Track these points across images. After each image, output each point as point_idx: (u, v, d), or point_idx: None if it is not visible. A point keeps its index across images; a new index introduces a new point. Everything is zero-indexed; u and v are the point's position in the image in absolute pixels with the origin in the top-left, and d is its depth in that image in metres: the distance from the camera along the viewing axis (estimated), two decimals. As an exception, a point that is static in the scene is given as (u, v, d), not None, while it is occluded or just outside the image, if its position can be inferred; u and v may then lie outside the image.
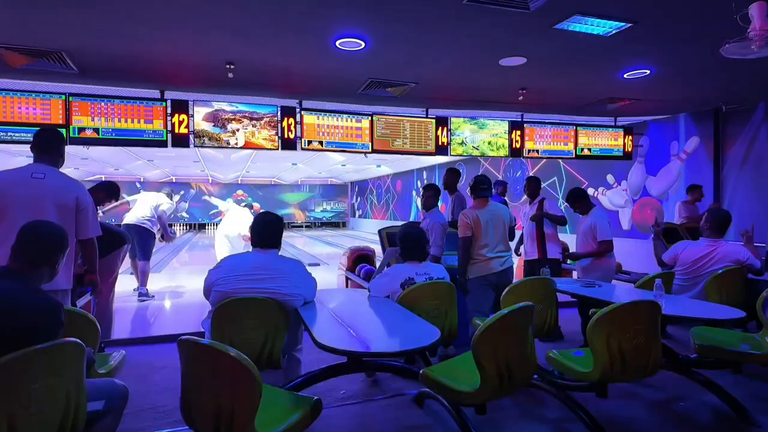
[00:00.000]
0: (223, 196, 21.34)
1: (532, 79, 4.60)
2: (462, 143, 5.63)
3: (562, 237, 4.70)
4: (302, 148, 5.22)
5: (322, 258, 11.38)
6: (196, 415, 1.71)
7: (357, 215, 23.00)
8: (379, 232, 4.27)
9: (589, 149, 6.28)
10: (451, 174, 4.75)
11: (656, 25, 3.30)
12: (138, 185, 19.29)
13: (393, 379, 3.30)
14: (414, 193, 16.14)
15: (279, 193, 22.83)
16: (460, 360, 2.40)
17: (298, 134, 5.10)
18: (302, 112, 5.11)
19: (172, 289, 6.99)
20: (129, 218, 6.03)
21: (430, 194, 3.91)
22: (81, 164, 14.33)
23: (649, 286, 3.25)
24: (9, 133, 4.31)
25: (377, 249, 6.37)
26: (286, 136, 5.06)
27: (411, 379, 2.77)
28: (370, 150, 5.37)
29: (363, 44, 3.60)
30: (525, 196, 4.83)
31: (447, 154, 5.59)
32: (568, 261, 4.64)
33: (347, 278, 5.80)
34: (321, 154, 12.09)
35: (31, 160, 2.75)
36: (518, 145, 5.86)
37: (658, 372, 2.36)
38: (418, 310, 2.56)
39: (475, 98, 5.35)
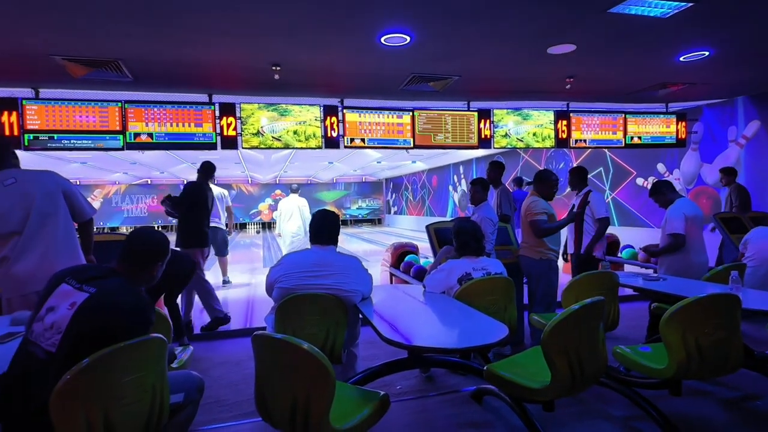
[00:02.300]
0: (262, 196, 21.88)
1: (580, 67, 4.46)
2: (506, 135, 5.52)
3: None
4: (345, 146, 5.26)
5: (359, 255, 11.47)
6: (272, 408, 1.74)
7: (392, 212, 23.01)
8: (427, 228, 4.24)
9: (639, 137, 6.02)
10: (495, 167, 4.65)
11: (717, 3, 3.12)
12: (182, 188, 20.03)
13: (447, 376, 3.29)
14: (450, 188, 15.98)
15: (315, 192, 23.12)
16: (525, 356, 2.36)
17: (341, 133, 5.15)
18: (344, 111, 5.15)
19: (216, 287, 7.15)
20: None
21: (478, 188, 3.84)
22: (129, 168, 14.99)
23: (720, 278, 3.10)
24: (72, 141, 4.55)
25: (419, 245, 6.35)
26: (329, 135, 5.11)
27: (473, 375, 2.73)
28: (411, 146, 5.35)
29: (408, 39, 3.58)
30: (568, 189, 4.69)
31: (490, 147, 5.50)
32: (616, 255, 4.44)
33: (391, 274, 5.82)
34: (357, 152, 12.17)
35: (84, 168, 2.85)
36: (564, 136, 5.69)
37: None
38: (475, 306, 2.51)
39: (519, 89, 5.23)
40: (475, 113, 5.43)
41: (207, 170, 4.93)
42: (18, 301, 2.49)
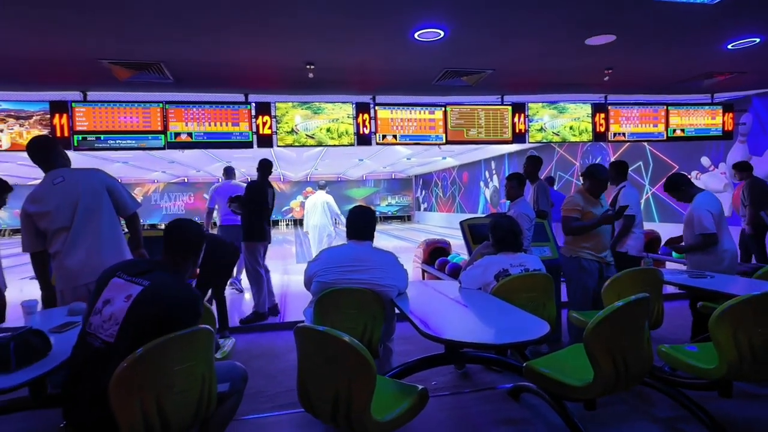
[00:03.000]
0: (294, 193, 22.23)
1: (620, 58, 4.32)
2: (541, 129, 5.41)
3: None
4: (377, 143, 5.29)
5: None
6: (315, 399, 1.78)
7: (422, 209, 22.95)
8: (461, 224, 4.21)
9: (683, 130, 5.79)
10: (532, 162, 4.57)
11: (772, -14, 2.96)
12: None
13: (482, 372, 3.27)
14: (482, 184, 15.79)
15: (345, 189, 23.31)
16: (565, 354, 2.32)
17: (373, 130, 5.17)
18: (376, 107, 5.17)
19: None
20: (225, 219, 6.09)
21: (514, 183, 3.78)
22: (168, 167, 15.51)
23: (771, 276, 2.95)
24: (117, 141, 4.75)
25: (451, 242, 6.32)
26: (361, 132, 5.14)
27: (510, 372, 2.71)
28: (443, 141, 5.32)
29: (442, 34, 3.56)
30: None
31: (525, 142, 5.41)
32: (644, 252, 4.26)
33: (423, 270, 5.81)
34: (387, 149, 12.19)
35: (126, 167, 2.98)
36: (602, 129, 5.53)
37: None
38: (513, 303, 2.48)
39: (555, 81, 5.11)
40: (509, 107, 5.35)
41: (266, 168, 5.07)
42: (69, 293, 2.63)
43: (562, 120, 5.46)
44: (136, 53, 3.80)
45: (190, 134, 4.83)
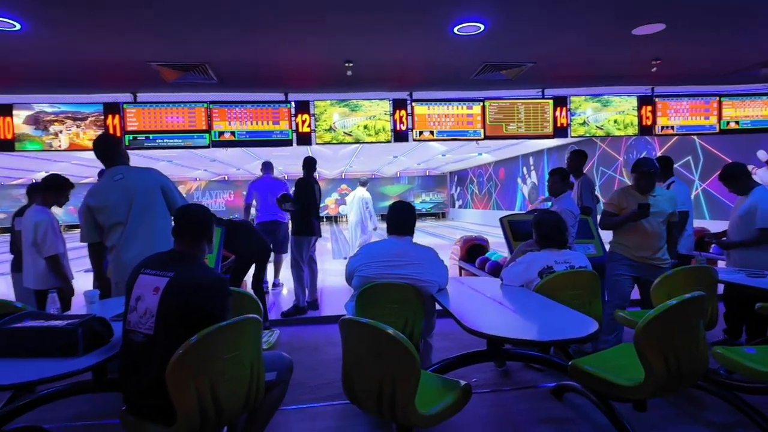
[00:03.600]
0: (329, 191, 22.50)
1: (669, 48, 4.13)
2: (583, 123, 5.25)
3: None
4: (414, 139, 5.28)
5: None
6: (359, 391, 1.81)
7: (457, 206, 22.74)
8: (501, 220, 4.16)
9: (737, 122, 5.48)
10: (577, 156, 4.44)
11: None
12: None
13: (523, 371, 3.23)
14: (519, 180, 15.48)
15: (379, 186, 23.41)
16: (612, 353, 2.26)
17: (410, 126, 5.16)
18: (413, 104, 5.17)
19: (286, 278, 7.31)
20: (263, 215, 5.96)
21: (557, 179, 3.69)
22: (209, 166, 16.04)
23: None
24: (165, 140, 4.95)
25: (490, 239, 6.24)
26: (398, 128, 5.15)
27: (554, 370, 2.66)
28: (482, 137, 5.25)
29: (482, 27, 3.51)
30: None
31: (567, 136, 5.26)
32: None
33: (461, 267, 5.78)
34: (422, 145, 12.15)
35: (171, 166, 3.11)
36: (649, 122, 5.31)
37: None
38: (557, 300, 2.43)
39: (599, 74, 4.94)
40: (551, 101, 5.22)
41: (310, 165, 5.18)
42: (123, 284, 2.77)
43: (605, 113, 5.28)
44: (183, 55, 3.95)
45: (233, 133, 4.98)
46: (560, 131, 5.24)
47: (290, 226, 5.85)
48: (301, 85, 5.04)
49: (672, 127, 5.40)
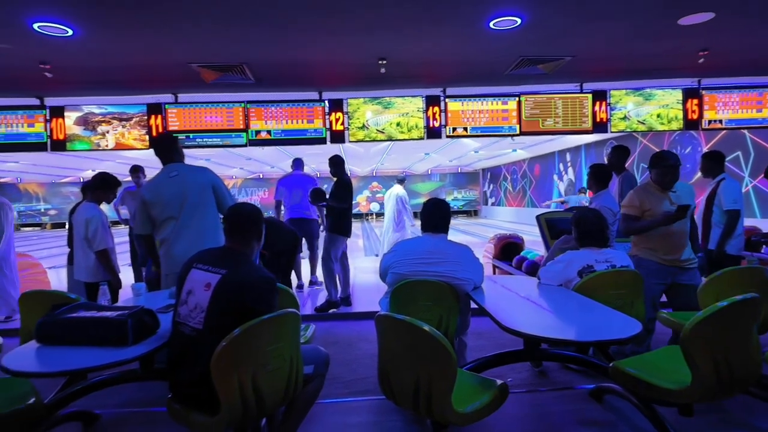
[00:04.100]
0: (360, 188, 22.64)
1: (718, 38, 3.93)
2: (624, 118, 5.08)
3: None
4: (447, 136, 5.25)
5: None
6: (395, 387, 1.82)
7: (489, 203, 22.43)
8: (538, 218, 4.08)
9: (793, 114, 5.16)
10: (618, 152, 4.27)
11: None
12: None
13: (559, 372, 3.16)
14: (555, 177, 15.11)
15: (410, 184, 23.35)
16: (656, 355, 2.18)
17: (443, 122, 5.13)
18: (446, 100, 5.13)
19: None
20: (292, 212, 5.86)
21: (597, 175, 3.58)
22: (245, 164, 16.45)
23: None
24: (204, 139, 5.11)
25: (525, 238, 6.13)
26: (431, 125, 5.13)
27: (593, 371, 2.60)
28: (517, 132, 5.16)
29: (519, 21, 3.45)
30: (698, 174, 4.13)
31: (607, 131, 5.10)
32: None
33: (495, 266, 5.70)
34: (454, 142, 12.04)
35: (208, 164, 3.20)
36: (695, 116, 5.08)
37: None
38: (598, 300, 2.37)
39: (641, 67, 4.76)
40: (589, 95, 5.07)
41: (341, 163, 5.10)
42: (172, 278, 2.88)
43: (648, 107, 5.09)
44: (222, 56, 4.06)
45: (269, 132, 5.09)
46: (599, 126, 5.08)
47: (321, 222, 5.88)
48: (335, 84, 5.09)
49: (720, 121, 5.14)
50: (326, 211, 4.97)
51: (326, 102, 5.09)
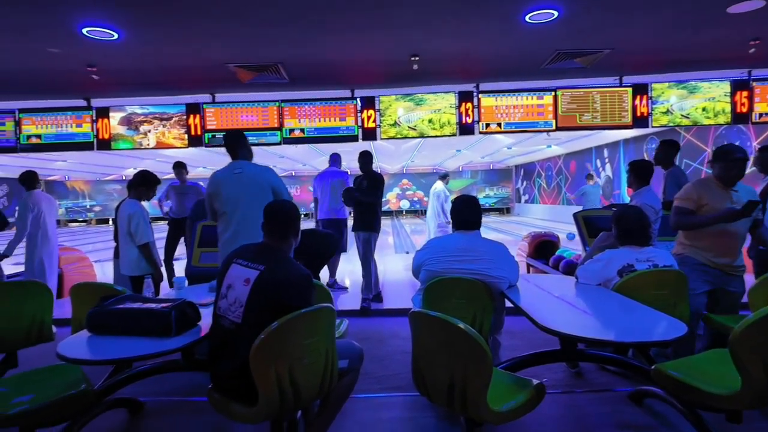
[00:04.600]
0: (390, 186, 22.64)
1: (771, 25, 3.72)
2: (667, 112, 4.88)
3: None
4: (480, 132, 5.18)
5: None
6: (430, 383, 1.82)
7: (522, 200, 22.00)
8: (575, 216, 3.97)
9: None
10: (667, 146, 4.06)
11: None
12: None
13: (596, 373, 3.08)
14: (593, 173, 14.65)
15: (442, 181, 23.17)
16: (701, 359, 2.09)
17: (476, 118, 5.07)
18: (480, 95, 5.07)
19: (350, 270, 7.32)
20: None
21: (637, 171, 3.45)
22: (278, 162, 16.72)
23: None
24: (240, 138, 5.23)
25: (561, 236, 5.99)
26: (463, 121, 5.08)
27: (634, 374, 2.52)
28: (553, 128, 5.05)
29: (555, 14, 3.37)
30: (751, 168, 3.90)
31: (648, 126, 4.92)
32: None
33: (528, 265, 5.60)
34: (486, 139, 11.87)
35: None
36: (744, 109, 4.83)
37: None
38: (639, 301, 2.29)
39: (685, 58, 4.56)
40: (629, 89, 4.90)
41: (371, 159, 5.02)
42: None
43: (692, 101, 4.87)
44: (258, 56, 4.15)
45: (302, 130, 5.16)
46: (640, 121, 4.91)
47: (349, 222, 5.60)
48: (367, 81, 5.12)
49: (773, 114, 4.87)
50: (359, 209, 4.81)
51: (358, 99, 5.12)
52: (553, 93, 4.96)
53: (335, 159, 5.93)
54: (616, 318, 2.18)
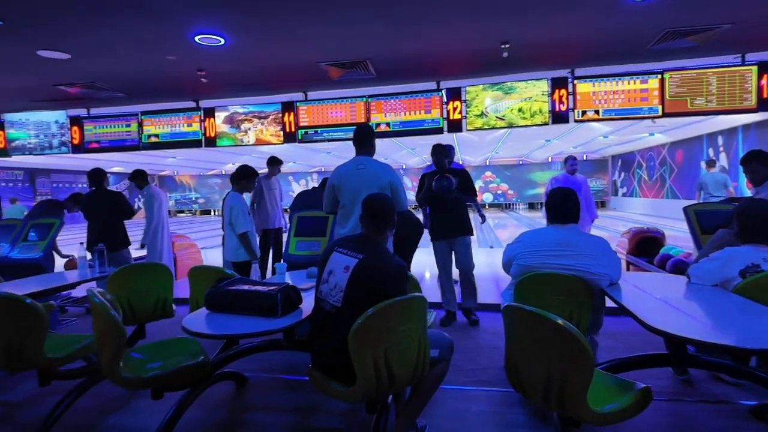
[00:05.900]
0: (473, 178, 22.18)
1: None
2: (802, 92, 4.25)
3: None
4: (575, 120, 4.90)
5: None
6: (525, 379, 1.79)
7: (620, 194, 20.40)
8: (686, 210, 3.61)
9: None
10: None
11: None
12: (401, 171, 21.94)
13: (708, 382, 2.80)
14: (703, 164, 13.18)
15: (528, 173, 22.27)
16: None
17: (571, 106, 4.81)
18: (575, 81, 4.78)
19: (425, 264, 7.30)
20: None
21: (755, 164, 3.05)
22: (361, 156, 17.16)
23: None
24: (330, 133, 5.46)
25: (667, 232, 5.48)
26: (556, 109, 4.84)
27: (758, 385, 2.26)
28: (659, 114, 4.63)
29: (666, -12, 3.08)
30: None
31: (776, 109, 4.32)
32: None
33: (629, 262, 5.20)
34: (580, 127, 11.16)
35: (329, 157, 3.37)
36: None
37: None
38: (764, 305, 2.05)
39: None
40: (754, 67, 4.33)
41: (449, 153, 5.02)
42: None
43: (837, 76, 4.18)
44: (348, 53, 4.29)
45: (388, 124, 5.25)
46: (766, 103, 4.32)
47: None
48: (454, 72, 5.06)
49: None
50: (444, 210, 4.22)
51: (443, 91, 5.09)
52: (659, 76, 4.54)
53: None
54: (737, 322, 1.97)
